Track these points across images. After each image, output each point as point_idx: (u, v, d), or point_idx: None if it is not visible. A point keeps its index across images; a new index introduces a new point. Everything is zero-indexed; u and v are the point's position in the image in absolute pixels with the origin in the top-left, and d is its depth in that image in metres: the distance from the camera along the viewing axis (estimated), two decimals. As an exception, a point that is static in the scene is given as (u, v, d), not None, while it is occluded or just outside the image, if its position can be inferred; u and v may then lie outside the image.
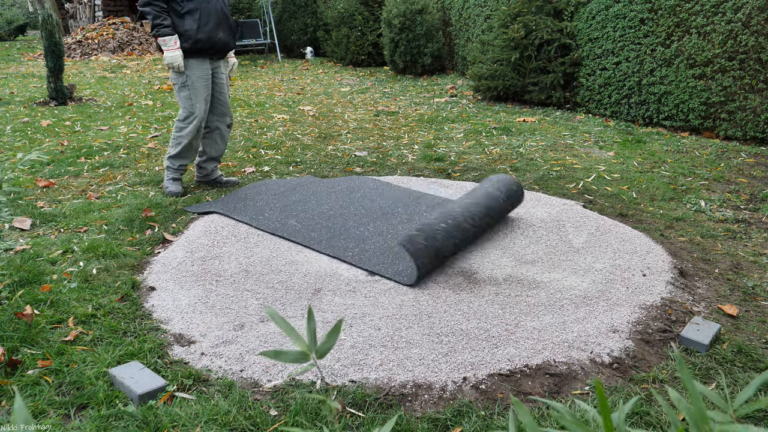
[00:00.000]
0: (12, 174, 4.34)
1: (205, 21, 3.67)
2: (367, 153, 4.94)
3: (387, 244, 3.03)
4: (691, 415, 0.67)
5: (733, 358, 2.14)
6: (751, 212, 3.57)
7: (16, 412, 0.61)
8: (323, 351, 0.82)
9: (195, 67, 3.75)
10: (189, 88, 3.77)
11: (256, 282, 2.68)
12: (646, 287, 2.60)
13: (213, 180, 4.15)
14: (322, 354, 0.82)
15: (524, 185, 4.07)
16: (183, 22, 3.66)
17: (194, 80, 3.75)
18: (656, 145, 5.05)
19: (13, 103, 7.15)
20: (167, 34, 3.61)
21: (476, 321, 2.33)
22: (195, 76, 3.75)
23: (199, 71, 3.75)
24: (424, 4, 8.77)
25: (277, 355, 0.81)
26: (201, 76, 3.77)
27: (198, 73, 3.75)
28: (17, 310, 2.43)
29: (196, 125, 3.82)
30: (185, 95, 3.79)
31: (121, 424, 1.81)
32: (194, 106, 3.79)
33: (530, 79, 6.61)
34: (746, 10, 4.80)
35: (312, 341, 0.83)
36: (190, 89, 3.77)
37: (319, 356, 0.82)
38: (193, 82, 3.75)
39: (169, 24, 3.61)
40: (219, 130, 4.03)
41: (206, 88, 3.81)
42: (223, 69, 3.96)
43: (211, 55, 3.81)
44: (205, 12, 3.68)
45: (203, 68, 3.77)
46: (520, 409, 0.74)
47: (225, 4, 3.84)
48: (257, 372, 2.05)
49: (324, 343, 0.83)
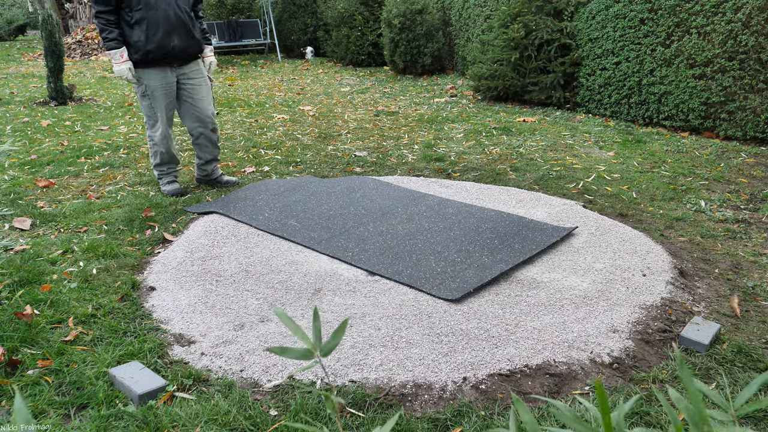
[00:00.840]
0: (12, 173, 4.34)
1: (153, 30, 3.52)
2: (367, 153, 4.94)
3: (387, 244, 3.03)
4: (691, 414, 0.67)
5: (733, 358, 2.14)
6: (751, 212, 3.57)
7: (16, 411, 0.61)
8: (328, 349, 0.83)
9: (153, 76, 3.65)
10: (149, 98, 3.69)
11: (256, 282, 2.68)
12: (646, 287, 2.60)
13: (214, 180, 4.14)
14: (326, 352, 0.83)
15: (524, 185, 4.07)
16: (132, 33, 3.54)
17: (153, 89, 3.67)
18: (656, 145, 5.05)
19: (13, 103, 7.15)
20: (113, 48, 3.52)
21: (476, 321, 2.33)
22: (153, 85, 3.66)
23: (157, 80, 3.66)
24: (424, 4, 8.77)
25: (283, 351, 0.82)
26: (160, 85, 3.67)
27: (156, 83, 3.66)
28: (17, 310, 2.43)
29: (162, 133, 3.77)
30: (146, 104, 3.73)
31: (121, 424, 1.81)
32: (156, 114, 3.74)
33: (530, 79, 6.61)
34: (746, 10, 4.80)
35: (317, 340, 0.84)
36: (150, 98, 3.69)
37: (323, 354, 0.83)
38: (153, 92, 3.67)
39: (114, 37, 3.50)
40: (204, 136, 3.95)
41: (167, 96, 3.72)
42: (194, 74, 3.81)
43: (169, 63, 3.67)
44: (153, 21, 3.52)
45: (162, 77, 3.67)
46: (520, 407, 0.74)
47: (180, 9, 3.62)
48: (257, 372, 2.05)
49: (329, 341, 0.84)
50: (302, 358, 0.83)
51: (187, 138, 5.46)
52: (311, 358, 0.83)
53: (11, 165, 4.57)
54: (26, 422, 0.61)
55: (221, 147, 5.14)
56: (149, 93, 3.68)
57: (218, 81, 8.97)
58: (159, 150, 3.84)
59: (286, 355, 0.82)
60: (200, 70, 3.86)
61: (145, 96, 3.69)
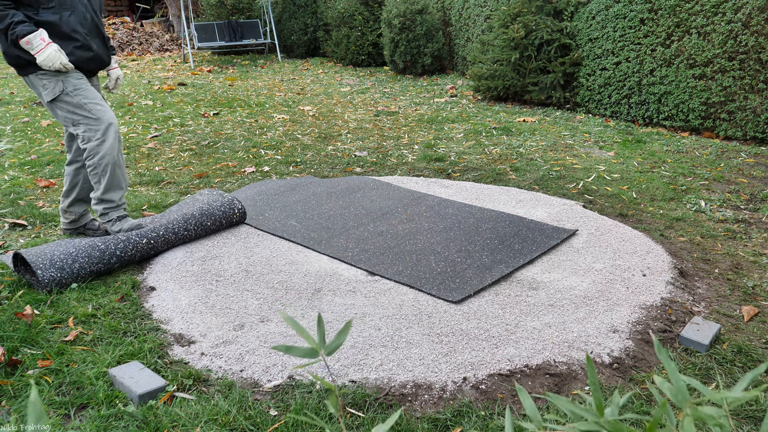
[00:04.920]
0: (12, 173, 4.34)
1: (69, 32, 2.83)
2: (367, 153, 4.94)
3: (387, 244, 3.03)
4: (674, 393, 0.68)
5: (733, 358, 2.14)
6: (751, 212, 3.57)
7: (30, 406, 0.61)
8: (332, 348, 0.84)
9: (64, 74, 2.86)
10: (72, 94, 2.89)
11: (256, 282, 2.68)
12: (646, 287, 2.60)
13: (82, 226, 3.28)
14: (331, 351, 0.84)
15: (524, 185, 4.07)
16: None
17: (76, 80, 2.91)
18: (656, 145, 5.05)
19: (13, 103, 7.15)
20: (26, 32, 2.68)
21: (476, 321, 2.33)
22: (73, 77, 2.89)
23: (73, 75, 2.91)
24: (424, 4, 8.77)
25: (289, 349, 0.83)
26: (80, 76, 2.95)
27: (74, 75, 2.92)
28: (17, 310, 2.43)
29: (108, 123, 2.94)
30: (73, 103, 2.90)
31: (121, 424, 1.81)
32: (90, 105, 2.93)
33: (530, 79, 6.61)
34: (746, 11, 4.80)
35: (321, 340, 0.84)
36: (74, 93, 2.89)
37: (328, 353, 0.84)
38: (77, 82, 2.91)
39: (22, 19, 2.69)
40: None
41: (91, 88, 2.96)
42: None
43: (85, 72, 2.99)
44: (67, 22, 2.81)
45: None
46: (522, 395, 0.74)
47: (95, 13, 2.99)
48: (257, 372, 2.05)
49: (333, 340, 0.85)
50: (307, 356, 0.83)
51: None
52: (316, 356, 0.83)
53: (11, 165, 4.57)
54: (39, 418, 0.61)
55: (221, 147, 5.14)
56: (70, 90, 2.84)
57: (218, 81, 8.98)
58: (108, 163, 2.90)
59: (292, 353, 0.83)
60: (98, 85, 3.15)
61: (66, 94, 2.83)
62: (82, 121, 2.86)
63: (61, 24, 2.78)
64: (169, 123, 6.11)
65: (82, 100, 2.85)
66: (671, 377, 0.69)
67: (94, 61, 2.96)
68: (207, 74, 9.68)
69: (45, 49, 2.70)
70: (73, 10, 2.82)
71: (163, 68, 10.41)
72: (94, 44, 2.93)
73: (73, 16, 2.81)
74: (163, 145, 5.22)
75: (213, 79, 9.11)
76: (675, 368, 0.70)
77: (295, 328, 0.83)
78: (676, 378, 0.69)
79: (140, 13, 15.74)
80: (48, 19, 2.74)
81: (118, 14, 15.16)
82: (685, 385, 0.69)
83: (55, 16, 2.76)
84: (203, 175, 4.36)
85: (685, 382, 0.70)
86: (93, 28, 2.93)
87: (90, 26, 2.91)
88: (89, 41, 2.90)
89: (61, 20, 2.78)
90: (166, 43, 13.03)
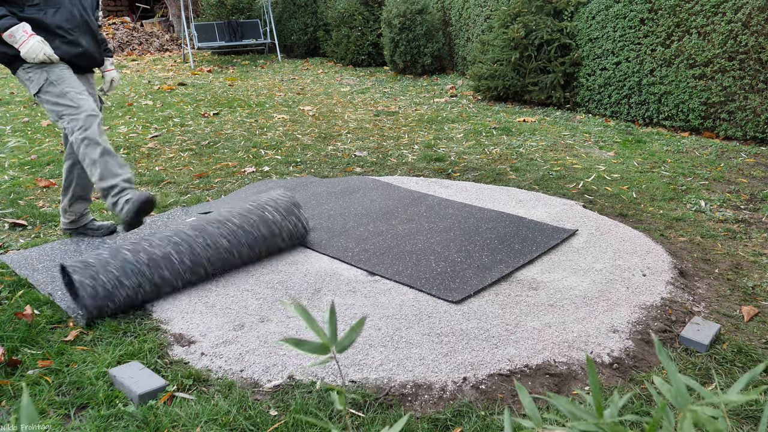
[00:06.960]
0: (12, 173, 4.34)
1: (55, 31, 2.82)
2: (367, 153, 4.94)
3: (387, 244, 3.03)
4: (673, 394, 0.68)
5: (733, 358, 2.14)
6: (751, 212, 3.57)
7: (22, 409, 0.61)
8: (344, 346, 0.81)
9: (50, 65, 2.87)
10: (57, 83, 2.85)
11: (256, 282, 2.69)
12: (646, 287, 2.60)
13: (82, 226, 3.29)
14: (342, 348, 0.81)
15: (524, 185, 4.07)
16: None
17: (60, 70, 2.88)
18: (656, 145, 5.05)
19: (13, 103, 7.15)
20: (8, 25, 2.68)
21: (476, 321, 2.33)
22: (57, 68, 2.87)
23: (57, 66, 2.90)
24: (424, 4, 8.76)
25: (298, 344, 0.80)
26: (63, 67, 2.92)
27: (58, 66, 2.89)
28: (17, 310, 2.43)
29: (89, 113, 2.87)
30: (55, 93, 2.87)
31: (121, 424, 1.81)
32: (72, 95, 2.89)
33: (530, 79, 6.61)
34: (746, 11, 4.80)
35: (333, 335, 0.82)
36: (58, 83, 2.86)
37: (339, 350, 0.81)
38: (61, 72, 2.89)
39: (4, 13, 2.69)
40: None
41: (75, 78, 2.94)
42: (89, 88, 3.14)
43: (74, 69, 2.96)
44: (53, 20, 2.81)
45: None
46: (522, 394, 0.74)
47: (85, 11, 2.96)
48: (257, 372, 2.05)
49: (345, 337, 0.81)
50: (317, 352, 0.80)
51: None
52: (326, 353, 0.80)
53: (11, 165, 4.57)
54: (32, 420, 0.61)
55: (221, 147, 5.14)
56: (54, 79, 2.80)
57: (218, 81, 8.98)
58: (94, 143, 2.80)
59: (301, 348, 0.80)
60: (93, 85, 3.13)
61: (50, 83, 2.80)
62: (65, 111, 2.80)
63: (46, 20, 2.76)
64: (169, 123, 6.11)
65: (65, 89, 2.80)
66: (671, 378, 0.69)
67: (85, 56, 2.93)
68: (207, 74, 9.68)
69: (28, 40, 2.68)
70: (59, 7, 2.79)
71: (163, 68, 10.41)
72: (83, 41, 2.90)
73: (58, 13, 2.80)
74: (163, 145, 5.22)
75: (213, 79, 9.11)
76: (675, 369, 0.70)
77: (306, 319, 0.80)
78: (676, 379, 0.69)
79: (140, 13, 15.74)
80: (32, 15, 2.73)
81: (118, 14, 15.16)
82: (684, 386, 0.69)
83: (39, 12, 2.75)
84: (203, 175, 4.36)
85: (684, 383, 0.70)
86: (81, 25, 2.90)
87: (78, 23, 2.87)
88: (77, 37, 2.87)
89: (46, 16, 2.76)
90: (166, 43, 13.03)
